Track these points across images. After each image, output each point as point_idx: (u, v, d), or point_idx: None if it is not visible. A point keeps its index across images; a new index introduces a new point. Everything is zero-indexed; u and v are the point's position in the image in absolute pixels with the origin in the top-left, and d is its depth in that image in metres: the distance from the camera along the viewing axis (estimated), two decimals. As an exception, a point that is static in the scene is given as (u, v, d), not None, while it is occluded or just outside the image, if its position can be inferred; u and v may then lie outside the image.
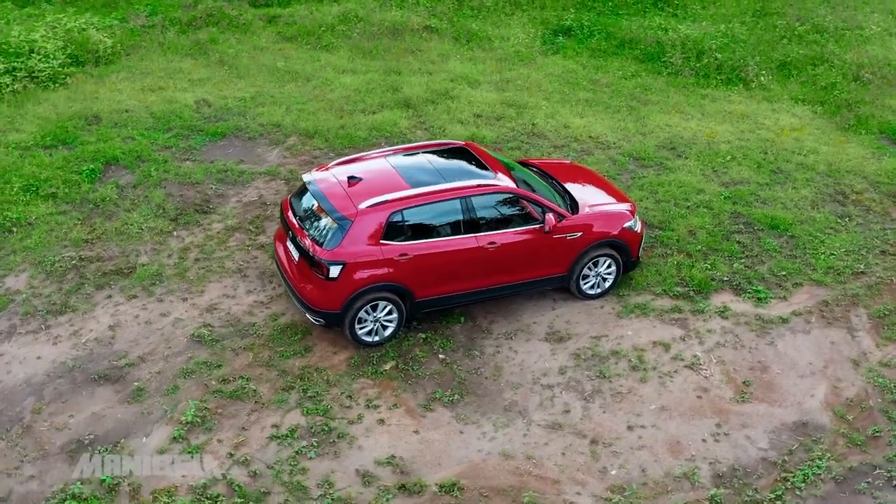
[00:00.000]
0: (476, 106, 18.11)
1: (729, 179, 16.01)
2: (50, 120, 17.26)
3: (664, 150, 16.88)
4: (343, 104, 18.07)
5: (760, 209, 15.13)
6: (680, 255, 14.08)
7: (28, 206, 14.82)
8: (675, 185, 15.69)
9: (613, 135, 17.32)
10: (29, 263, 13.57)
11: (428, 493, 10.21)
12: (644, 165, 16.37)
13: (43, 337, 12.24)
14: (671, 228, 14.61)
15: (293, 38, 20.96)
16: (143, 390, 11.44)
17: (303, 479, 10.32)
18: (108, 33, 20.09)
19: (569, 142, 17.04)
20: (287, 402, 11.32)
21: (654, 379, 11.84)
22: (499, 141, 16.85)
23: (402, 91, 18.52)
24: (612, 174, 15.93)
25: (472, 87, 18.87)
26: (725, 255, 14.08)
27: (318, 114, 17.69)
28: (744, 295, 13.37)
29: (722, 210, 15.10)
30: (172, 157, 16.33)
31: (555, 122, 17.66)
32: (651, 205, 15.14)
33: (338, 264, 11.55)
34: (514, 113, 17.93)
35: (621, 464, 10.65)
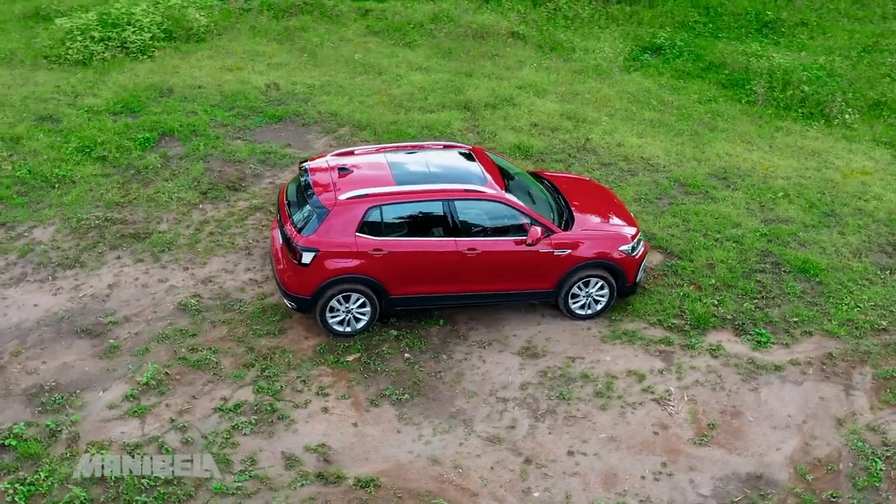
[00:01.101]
0: (535, 115, 17.96)
1: (773, 216, 15.27)
2: (126, 88, 18.21)
3: (715, 178, 16.27)
4: (404, 100, 18.27)
5: (795, 251, 14.38)
6: (690, 286, 13.56)
7: (77, 165, 15.71)
8: (712, 216, 15.11)
9: (666, 158, 16.82)
10: (59, 218, 14.40)
11: (344, 485, 10.27)
12: (688, 192, 15.83)
13: (46, 287, 12.98)
14: (690, 259, 14.09)
15: (380, 33, 21.31)
16: (116, 348, 11.97)
17: (230, 452, 10.57)
18: (206, 12, 20.99)
19: (617, 160, 16.67)
20: (243, 378, 11.61)
21: (615, 408, 11.49)
22: (546, 152, 16.66)
23: (465, 93, 18.56)
24: (650, 198, 15.49)
25: (537, 96, 18.72)
26: (739, 293, 13.46)
27: (376, 107, 17.96)
28: (744, 336, 12.77)
29: (752, 247, 14.43)
30: (226, 134, 16.94)
31: (610, 138, 17.30)
32: (679, 233, 14.64)
33: (310, 251, 11.76)
34: (571, 126, 17.67)
35: (547, 487, 10.40)
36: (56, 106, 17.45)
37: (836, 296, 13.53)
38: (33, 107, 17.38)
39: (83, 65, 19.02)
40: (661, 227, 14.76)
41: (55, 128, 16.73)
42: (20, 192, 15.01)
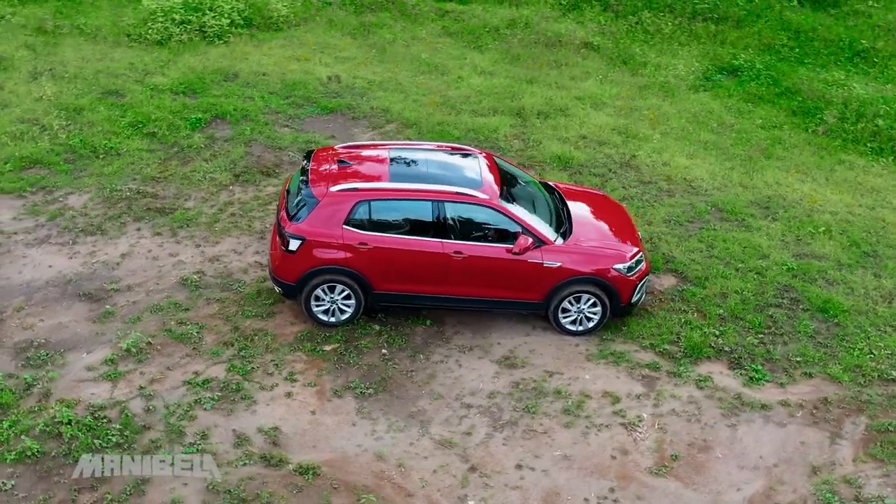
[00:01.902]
0: (586, 127, 17.72)
1: (807, 251, 14.63)
2: (194, 70, 18.91)
3: (756, 207, 15.69)
4: (458, 102, 18.33)
5: (820, 289, 13.75)
6: (695, 314, 13.15)
7: (127, 139, 16.44)
8: (740, 245, 14.59)
9: (711, 181, 16.33)
10: (96, 187, 15.10)
11: (284, 469, 10.43)
12: (723, 218, 15.33)
13: (65, 250, 13.64)
14: (704, 286, 13.66)
15: (454, 34, 21.42)
16: (111, 314, 12.48)
17: (186, 424, 10.87)
18: (287, 3, 21.55)
19: (658, 179, 16.28)
20: (220, 356, 11.92)
21: (579, 427, 11.27)
22: (586, 165, 16.42)
23: (520, 100, 18.48)
24: (681, 220, 15.08)
25: (593, 108, 18.46)
26: (744, 326, 12.98)
27: (427, 107, 18.08)
28: (737, 370, 12.30)
29: (774, 280, 13.88)
30: (275, 121, 17.38)
31: (657, 157, 16.91)
32: (700, 258, 14.21)
33: (298, 239, 11.98)
34: (619, 141, 17.36)
35: (485, 497, 10.30)
36: (124, 82, 18.26)
37: (851, 340, 12.86)
38: (103, 81, 18.23)
39: (161, 45, 19.81)
40: (683, 250, 14.34)
41: (117, 102, 17.51)
42: (67, 159, 15.78)
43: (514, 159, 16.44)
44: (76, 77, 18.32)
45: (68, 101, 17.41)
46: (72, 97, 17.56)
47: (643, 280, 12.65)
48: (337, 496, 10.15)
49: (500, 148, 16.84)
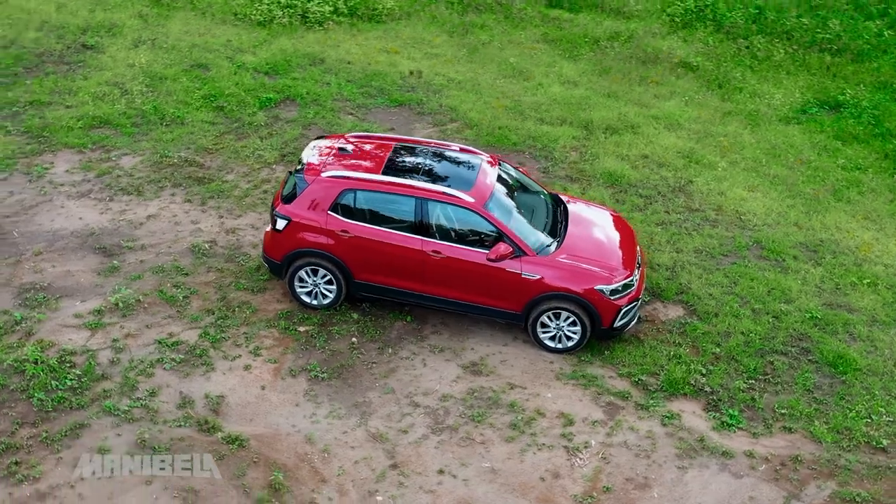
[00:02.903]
0: (651, 147, 17.22)
1: (840, 302, 13.72)
2: (285, 53, 19.62)
3: (802, 248, 14.82)
4: (528, 109, 18.21)
5: (839, 342, 12.88)
6: (688, 349, 12.61)
7: (196, 110, 17.28)
8: (767, 286, 13.85)
9: (764, 217, 15.53)
10: (150, 151, 15.97)
11: (214, 436, 10.77)
12: (761, 256, 14.58)
13: (99, 206, 14.52)
14: (710, 322, 13.06)
15: (553, 41, 21.23)
16: (116, 269, 13.21)
17: (141, 380, 11.40)
18: (393, -4, 21.98)
19: (706, 208, 15.65)
20: (198, 321, 12.40)
21: (520, 443, 11.05)
22: (636, 185, 15.97)
23: (592, 112, 18.15)
24: (714, 252, 14.45)
25: (666, 129, 17.90)
26: (738, 370, 12.34)
27: (496, 110, 18.05)
28: (712, 413, 11.72)
29: (791, 326, 13.10)
30: (342, 108, 17.82)
31: (715, 185, 16.24)
32: (717, 293, 13.60)
33: (284, 219, 12.31)
34: (681, 164, 16.78)
35: (395, 496, 10.29)
36: (215, 57, 19.15)
37: (852, 400, 11.99)
38: (195, 54, 19.19)
39: (262, 26, 20.63)
40: (703, 283, 13.74)
41: (201, 75, 18.40)
42: (135, 123, 16.74)
43: (564, 171, 16.19)
44: (172, 48, 19.33)
45: (157, 69, 18.41)
46: (161, 67, 18.56)
47: (632, 305, 12.20)
48: (253, 469, 10.37)
49: (554, 158, 16.60)
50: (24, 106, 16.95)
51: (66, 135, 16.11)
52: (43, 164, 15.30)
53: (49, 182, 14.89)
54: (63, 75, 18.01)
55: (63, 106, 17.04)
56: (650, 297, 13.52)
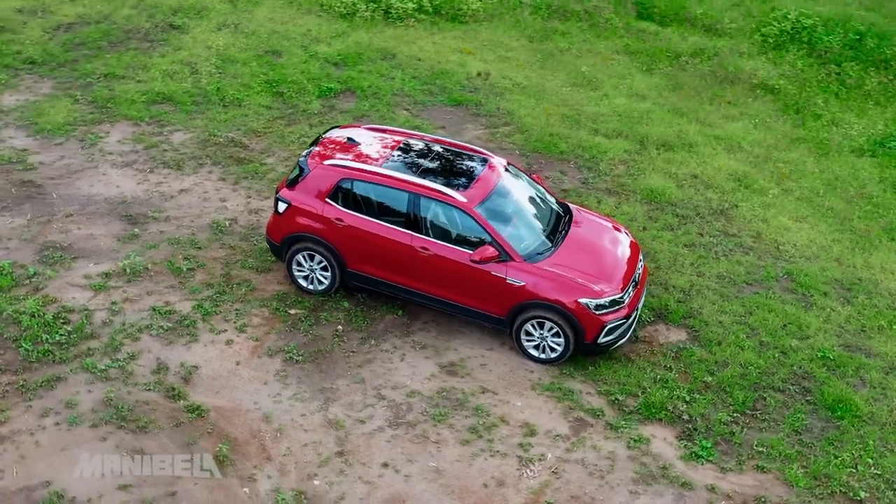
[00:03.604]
0: (703, 167, 16.73)
1: (861, 345, 13.02)
2: (359, 45, 20.01)
3: (834, 285, 14.12)
4: (584, 119, 17.99)
5: (844, 386, 12.23)
6: (678, 374, 12.25)
7: (256, 94, 17.83)
8: (784, 320, 13.28)
9: (804, 249, 14.87)
10: (201, 129, 16.61)
11: (178, 404, 11.14)
12: (789, 289, 13.98)
13: (139, 176, 15.20)
14: (710, 350, 12.64)
15: (633, 53, 20.86)
16: (135, 237, 13.82)
17: (126, 344, 11.89)
18: (480, -1, 22.04)
19: (744, 234, 15.10)
20: (197, 293, 12.84)
21: (474, 447, 10.98)
22: (675, 204, 15.55)
23: (650, 127, 17.77)
24: (738, 280, 13.95)
25: (725, 150, 17.35)
26: (726, 402, 11.90)
27: (552, 117, 17.91)
28: (683, 441, 11.35)
29: (797, 364, 12.54)
30: (399, 103, 18.05)
31: (760, 212, 15.65)
32: (727, 322, 13.13)
33: (285, 202, 12.62)
34: (730, 187, 16.24)
35: (333, 482, 10.41)
36: (290, 45, 19.69)
37: (842, 447, 11.38)
38: (272, 41, 19.79)
39: (344, 18, 21.07)
40: (715, 310, 13.29)
41: (271, 61, 18.97)
42: (195, 101, 17.41)
43: (605, 184, 15.93)
44: (252, 34, 19.98)
45: (231, 53, 19.08)
46: (236, 51, 19.22)
47: (620, 323, 11.91)
48: (205, 440, 10.67)
49: (598, 170, 16.34)
50: (98, 77, 17.85)
51: (128, 107, 16.88)
52: (98, 133, 16.08)
53: (99, 150, 15.65)
54: (143, 52, 18.87)
55: (134, 80, 17.86)
56: (654, 317, 13.15)
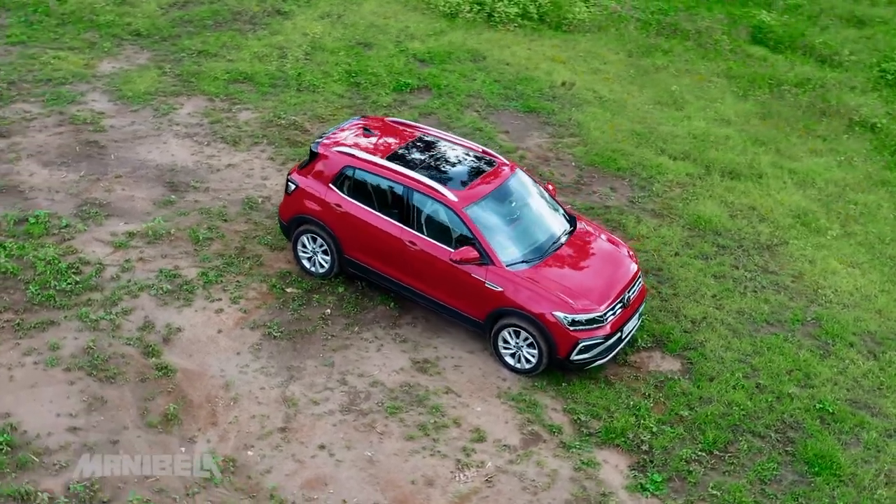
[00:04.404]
0: (765, 200, 16.03)
1: (871, 403, 12.19)
2: (452, 45, 20.25)
3: (865, 337, 13.26)
4: (655, 138, 17.56)
5: (833, 442, 11.50)
6: (655, 404, 11.87)
7: (334, 82, 18.43)
8: (790, 364, 12.60)
9: (846, 296, 14.00)
10: (270, 111, 17.27)
11: (150, 361, 11.68)
12: (812, 335, 13.24)
13: (194, 148, 16.00)
14: (699, 385, 12.16)
15: (734, 77, 20.15)
16: (170, 203, 14.58)
17: (125, 300, 12.55)
18: (592, 9, 21.80)
19: (784, 273, 14.37)
20: (206, 262, 13.41)
21: (416, 443, 11.01)
22: (719, 232, 14.96)
23: (722, 153, 17.15)
24: (758, 318, 13.32)
25: (795, 185, 16.53)
26: (696, 439, 11.43)
27: (621, 133, 17.59)
28: (634, 472, 10.99)
29: (788, 412, 11.89)
30: (471, 104, 18.17)
31: (810, 252, 14.85)
32: (728, 359, 12.58)
33: (293, 184, 13.05)
34: (786, 223, 15.48)
35: (265, 454, 10.67)
36: (385, 39, 20.15)
37: (807, 501, 10.70)
38: (368, 34, 20.31)
39: (446, 17, 21.34)
40: (720, 345, 12.77)
41: (361, 52, 19.48)
42: (274, 84, 18.12)
43: (652, 204, 15.52)
44: (351, 25, 20.56)
45: (323, 41, 19.71)
46: (329, 40, 19.84)
47: (597, 342, 11.64)
48: (163, 397, 11.18)
49: (650, 190, 15.92)
50: (192, 53, 18.83)
51: (209, 83, 17.74)
52: (173, 105, 16.99)
53: (168, 120, 16.54)
54: (242, 33, 19.76)
55: (224, 59, 18.74)
56: (653, 343, 12.74)
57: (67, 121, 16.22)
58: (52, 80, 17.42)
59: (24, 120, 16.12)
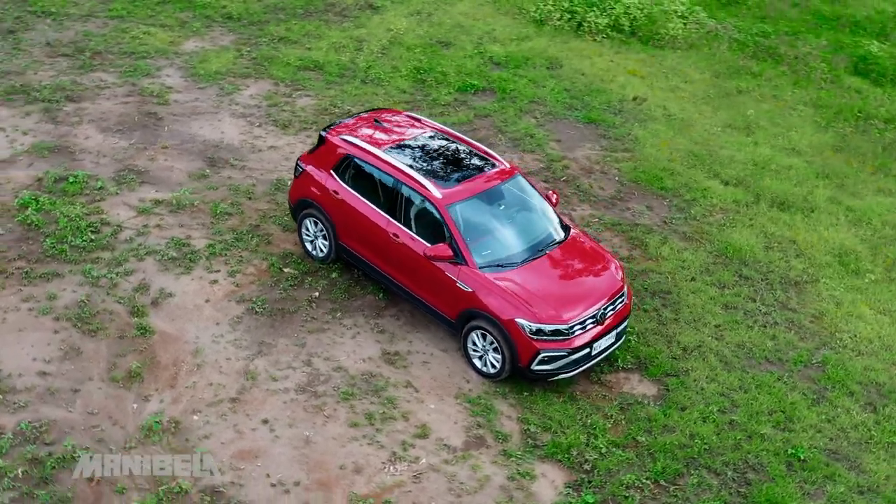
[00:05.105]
0: (809, 234, 15.29)
1: (853, 456, 11.48)
2: (532, 51, 20.23)
3: (870, 388, 12.50)
4: (713, 161, 17.04)
5: (793, 490, 10.93)
6: (614, 426, 11.63)
7: (400, 77, 18.73)
8: (773, 405, 12.03)
9: (862, 344, 13.21)
10: (328, 99, 17.76)
11: (134, 320, 12.30)
12: (810, 378, 12.60)
13: (245, 128, 16.63)
14: (667, 413, 11.80)
15: (820, 107, 19.24)
16: (204, 177, 15.24)
17: (130, 261, 13.19)
18: (688, 26, 21.28)
19: (804, 311, 13.70)
20: (217, 235, 13.94)
21: (359, 431, 11.12)
22: (747, 263, 14.37)
23: (778, 183, 16.48)
24: (759, 356, 12.76)
25: (849, 222, 15.67)
26: (645, 466, 11.11)
27: (676, 152, 17.16)
28: (569, 489, 10.78)
29: (755, 452, 11.37)
30: (531, 110, 18.12)
31: (839, 295, 14.08)
32: (709, 391, 12.14)
33: (301, 167, 13.47)
34: (823, 261, 14.72)
35: (209, 421, 11.05)
36: (465, 40, 20.32)
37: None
38: (452, 33, 20.52)
39: (535, 23, 21.31)
40: (705, 376, 12.36)
41: (438, 50, 19.73)
42: (342, 74, 18.62)
43: (685, 227, 15.07)
44: (438, 24, 20.83)
45: (404, 38, 20.08)
46: (411, 37, 20.19)
47: (561, 355, 11.49)
48: (134, 356, 11.76)
49: (688, 212, 15.49)
50: (273, 39, 19.57)
51: (279, 69, 18.40)
52: (238, 86, 17.72)
53: (230, 100, 17.28)
54: (327, 24, 20.37)
55: (303, 47, 19.38)
56: (634, 365, 12.43)
57: (136, 92, 17.14)
58: (136, 53, 18.43)
59: (97, 88, 17.15)
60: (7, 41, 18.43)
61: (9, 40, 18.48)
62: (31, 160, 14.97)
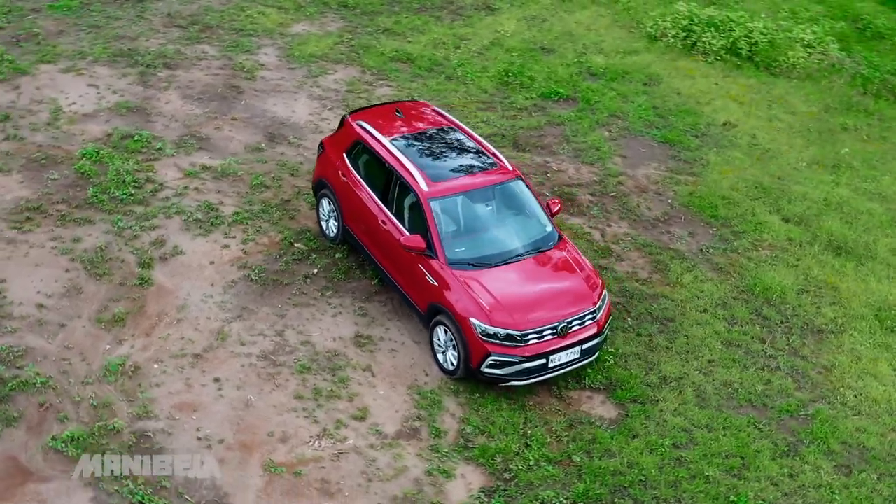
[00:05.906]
0: (853, 283, 14.30)
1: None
2: (633, 65, 19.85)
3: (852, 450, 11.63)
4: (780, 195, 16.25)
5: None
6: (554, 441, 11.50)
7: (488, 78, 18.86)
8: (737, 450, 11.42)
9: (864, 404, 12.27)
10: (406, 92, 18.15)
11: (138, 271, 13.14)
12: (789, 429, 11.88)
13: (317, 110, 17.24)
14: (618, 439, 11.47)
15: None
16: (259, 150, 15.93)
17: (158, 217, 14.08)
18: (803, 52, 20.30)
19: (816, 361, 12.88)
20: (248, 205, 14.46)
21: (299, 405, 11.41)
22: (772, 303, 13.64)
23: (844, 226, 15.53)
24: (741, 399, 12.13)
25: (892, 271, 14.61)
26: (568, 486, 10.89)
27: (742, 182, 16.50)
28: (482, 494, 10.73)
29: (691, 493, 10.87)
30: (608, 123, 17.81)
31: (864, 350, 13.13)
32: (672, 425, 11.70)
33: (322, 147, 14.02)
34: (857, 312, 13.73)
35: (166, 371, 11.67)
36: (569, 48, 20.18)
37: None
38: (558, 41, 20.38)
39: (649, 39, 20.89)
40: (675, 409, 11.93)
41: (537, 56, 19.68)
42: (430, 69, 18.97)
43: (721, 258, 14.54)
44: (546, 30, 20.80)
45: (508, 40, 20.22)
46: (516, 40, 20.31)
47: (511, 360, 11.44)
48: (126, 301, 12.60)
49: (729, 242, 14.88)
50: (378, 30, 20.17)
51: (371, 58, 19.01)
52: (327, 70, 18.48)
53: (314, 82, 18.04)
54: (438, 20, 20.79)
55: (404, 39, 19.92)
56: (603, 386, 12.16)
57: (230, 66, 18.17)
58: (244, 30, 19.52)
59: (196, 58, 18.32)
60: (134, 9, 19.93)
61: (136, 8, 19.96)
62: (109, 116, 16.18)
